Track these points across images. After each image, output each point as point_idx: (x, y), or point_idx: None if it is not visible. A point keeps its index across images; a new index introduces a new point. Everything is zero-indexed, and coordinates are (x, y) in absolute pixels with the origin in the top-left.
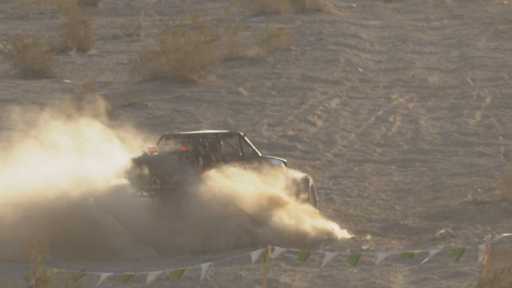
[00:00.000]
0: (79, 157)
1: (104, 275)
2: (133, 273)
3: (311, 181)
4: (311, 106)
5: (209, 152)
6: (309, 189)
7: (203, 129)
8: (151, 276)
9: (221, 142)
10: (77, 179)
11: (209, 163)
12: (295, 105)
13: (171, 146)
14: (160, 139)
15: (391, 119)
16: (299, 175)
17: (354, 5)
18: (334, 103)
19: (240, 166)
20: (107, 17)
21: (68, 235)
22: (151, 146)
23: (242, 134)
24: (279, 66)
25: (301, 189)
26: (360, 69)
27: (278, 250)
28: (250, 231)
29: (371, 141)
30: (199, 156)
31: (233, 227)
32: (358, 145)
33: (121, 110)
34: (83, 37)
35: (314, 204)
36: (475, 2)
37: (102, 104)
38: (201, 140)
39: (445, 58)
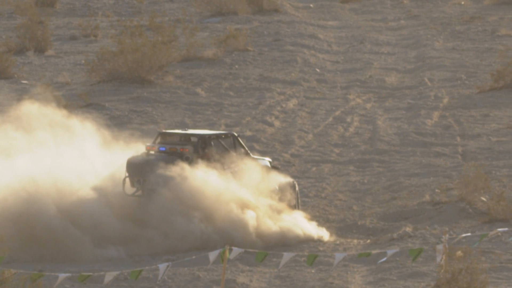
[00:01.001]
0: (39, 158)
1: (62, 275)
2: (90, 273)
3: (296, 186)
4: (268, 106)
5: (207, 153)
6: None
7: (165, 129)
8: (109, 276)
9: (219, 142)
10: (36, 181)
11: (207, 163)
12: (252, 105)
13: (172, 146)
14: (157, 137)
15: (348, 120)
16: (285, 178)
17: (311, 5)
18: (291, 104)
19: (234, 167)
20: (64, 18)
21: (25, 236)
22: (148, 144)
23: (236, 135)
24: (236, 66)
25: (287, 192)
26: (317, 70)
27: (236, 250)
28: (216, 232)
29: (328, 141)
30: (199, 157)
31: (197, 229)
32: (316, 146)
33: (79, 110)
34: (41, 37)
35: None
36: (432, 2)
37: (60, 104)
38: (201, 140)
39: (402, 59)
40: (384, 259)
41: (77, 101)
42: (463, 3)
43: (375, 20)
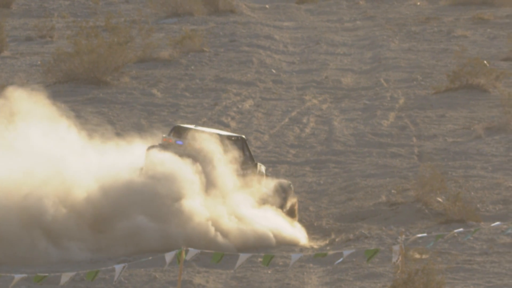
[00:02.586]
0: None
1: (18, 276)
2: (46, 274)
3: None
4: (224, 107)
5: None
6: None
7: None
8: (65, 277)
9: (231, 144)
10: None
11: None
12: (208, 106)
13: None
14: (172, 130)
15: (304, 120)
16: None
17: (267, 6)
18: (247, 104)
19: (242, 169)
20: (20, 19)
21: None
22: (165, 135)
23: (245, 138)
24: (192, 67)
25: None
26: (273, 70)
27: (192, 251)
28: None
29: (284, 142)
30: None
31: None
32: (272, 146)
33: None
34: None
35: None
36: (388, 3)
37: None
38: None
39: (358, 59)
40: (341, 259)
41: None
42: (418, 4)
43: (331, 21)
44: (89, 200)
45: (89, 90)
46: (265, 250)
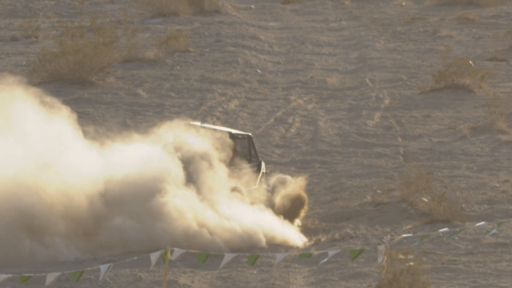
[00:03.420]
0: None
1: (3, 276)
2: (32, 274)
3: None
4: (210, 107)
5: (234, 151)
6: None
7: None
8: (50, 277)
9: (240, 141)
10: None
11: (231, 161)
12: (194, 106)
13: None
14: (179, 128)
15: (290, 121)
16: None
17: (252, 6)
18: (233, 105)
19: (248, 167)
20: (5, 19)
21: None
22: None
23: (251, 136)
24: (177, 67)
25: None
26: (258, 71)
27: (177, 251)
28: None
29: (270, 142)
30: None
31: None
32: (257, 147)
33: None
34: None
35: None
36: (373, 3)
37: None
38: (231, 138)
39: (343, 59)
40: (326, 259)
41: None
42: (404, 4)
43: (316, 21)
44: (76, 200)
45: (74, 90)
46: (254, 250)
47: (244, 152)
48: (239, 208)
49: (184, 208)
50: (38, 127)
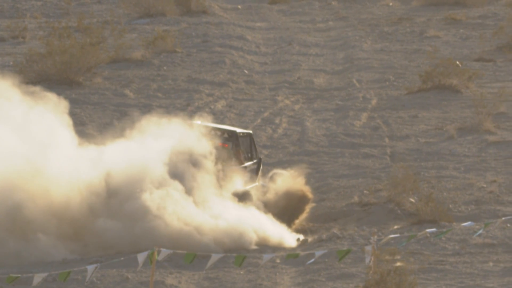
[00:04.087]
0: None
1: None
2: (19, 275)
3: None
4: (197, 108)
5: (239, 150)
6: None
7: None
8: (38, 278)
9: (244, 140)
10: None
11: (240, 159)
12: (181, 107)
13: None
14: (188, 127)
15: (277, 121)
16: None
17: (239, 7)
18: (220, 105)
19: (251, 165)
20: None
21: None
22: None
23: (252, 133)
24: (165, 68)
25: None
26: (246, 71)
27: (164, 252)
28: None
29: (257, 142)
30: (234, 154)
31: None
32: None
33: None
34: None
35: None
36: (360, 3)
37: None
38: (236, 137)
39: (330, 60)
40: (312, 260)
41: None
42: (391, 4)
43: (303, 22)
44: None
45: (61, 90)
46: (241, 251)
47: (247, 150)
48: (232, 207)
49: (171, 208)
50: (26, 125)
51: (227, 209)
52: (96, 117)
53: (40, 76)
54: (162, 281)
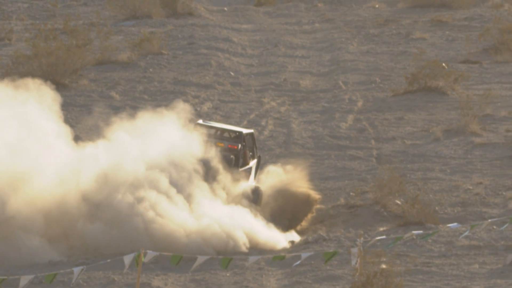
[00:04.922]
0: None
1: None
2: (5, 277)
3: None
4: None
5: (246, 151)
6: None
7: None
8: (24, 280)
9: (248, 139)
10: None
11: (246, 160)
12: (167, 109)
13: (219, 141)
14: (193, 128)
15: (263, 123)
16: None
17: (225, 9)
18: (206, 107)
19: (254, 163)
20: None
21: None
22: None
23: (253, 132)
24: (151, 70)
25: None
26: (232, 73)
27: (151, 254)
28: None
29: None
30: (241, 154)
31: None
32: None
33: None
34: None
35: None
36: (346, 6)
37: None
38: (243, 138)
39: (317, 62)
40: (299, 262)
41: None
42: (377, 6)
43: (289, 24)
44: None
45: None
46: (228, 254)
47: (250, 149)
48: (223, 209)
49: (161, 210)
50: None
51: (218, 210)
52: (82, 119)
53: (25, 78)
54: (148, 283)
